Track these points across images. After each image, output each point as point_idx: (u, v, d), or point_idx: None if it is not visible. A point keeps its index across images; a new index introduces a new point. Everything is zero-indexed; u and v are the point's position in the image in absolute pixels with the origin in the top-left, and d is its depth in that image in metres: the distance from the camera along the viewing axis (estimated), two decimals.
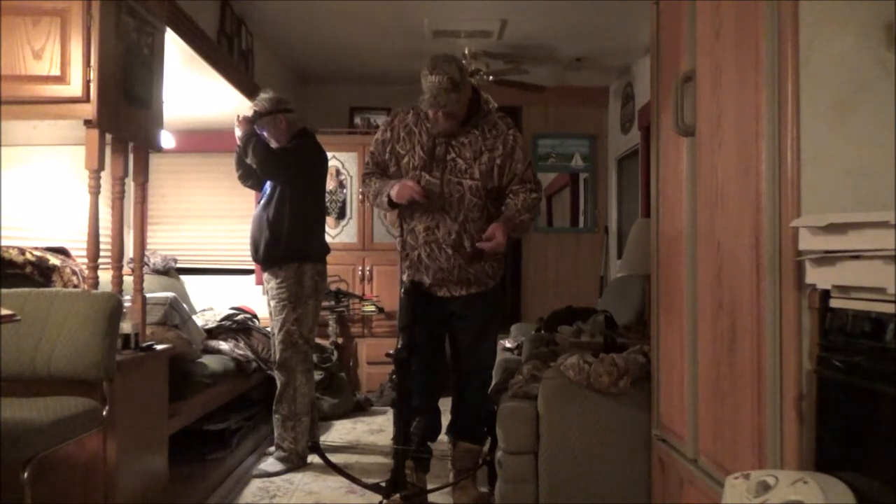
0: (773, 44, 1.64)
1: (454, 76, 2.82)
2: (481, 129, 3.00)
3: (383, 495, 2.93)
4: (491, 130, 3.00)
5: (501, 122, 3.04)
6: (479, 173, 2.97)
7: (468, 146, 2.98)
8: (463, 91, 2.88)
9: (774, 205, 1.63)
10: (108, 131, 2.76)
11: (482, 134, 2.99)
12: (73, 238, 3.81)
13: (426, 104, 2.89)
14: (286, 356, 3.79)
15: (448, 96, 2.83)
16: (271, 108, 3.78)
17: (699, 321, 2.11)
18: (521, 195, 3.03)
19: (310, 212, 3.81)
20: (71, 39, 2.64)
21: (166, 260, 4.95)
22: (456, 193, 2.98)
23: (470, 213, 2.99)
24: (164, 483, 3.06)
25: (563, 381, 2.71)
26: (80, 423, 2.28)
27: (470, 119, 2.98)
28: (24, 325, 2.35)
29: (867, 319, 1.37)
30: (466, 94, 2.93)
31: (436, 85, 2.82)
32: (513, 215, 3.01)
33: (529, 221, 3.07)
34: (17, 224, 3.79)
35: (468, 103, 2.96)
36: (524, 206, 3.01)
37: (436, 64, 2.84)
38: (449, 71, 2.82)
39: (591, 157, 6.84)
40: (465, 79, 2.90)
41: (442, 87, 2.81)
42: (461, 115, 2.95)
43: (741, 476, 1.53)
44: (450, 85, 2.81)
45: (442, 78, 2.81)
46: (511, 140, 3.00)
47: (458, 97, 2.86)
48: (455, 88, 2.83)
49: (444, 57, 2.88)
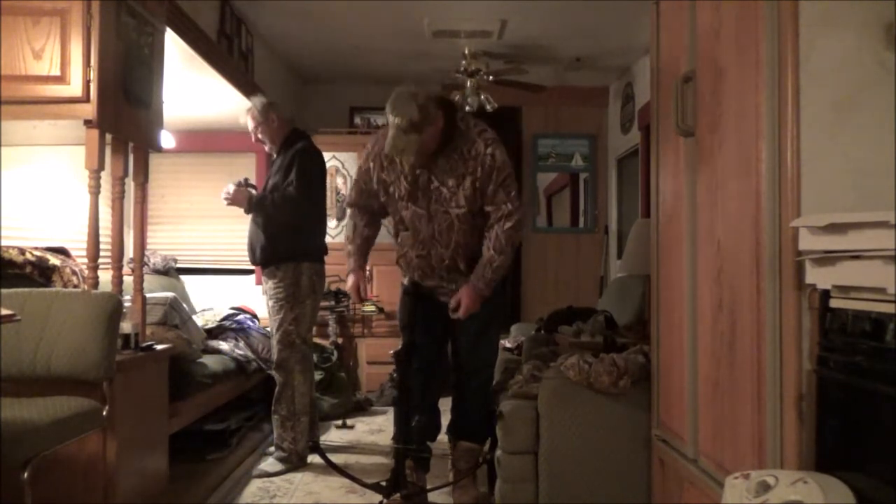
0: (773, 44, 1.64)
1: (413, 117, 2.68)
2: (461, 153, 2.87)
3: (383, 495, 2.93)
4: (470, 151, 2.86)
5: (480, 141, 2.87)
6: (465, 199, 2.88)
7: (450, 172, 2.88)
8: (427, 126, 2.74)
9: (774, 205, 1.64)
10: (108, 131, 2.76)
11: (461, 157, 2.87)
12: (73, 238, 3.81)
13: (386, 147, 2.79)
14: (284, 356, 3.79)
15: (407, 138, 2.70)
16: (263, 112, 3.81)
17: (699, 321, 2.11)
18: (493, 231, 2.88)
19: (307, 212, 3.81)
20: (71, 39, 2.64)
21: (166, 260, 4.95)
22: (444, 222, 2.93)
23: (461, 237, 2.94)
24: (164, 483, 3.06)
25: (563, 381, 2.71)
26: (80, 423, 2.28)
27: (448, 144, 2.86)
28: (24, 325, 2.34)
29: (867, 319, 1.37)
30: (435, 126, 2.78)
31: (393, 127, 2.71)
32: (481, 273, 2.89)
33: (508, 259, 2.92)
34: (17, 224, 3.79)
35: (441, 131, 2.81)
36: (496, 249, 2.87)
37: (395, 104, 2.72)
38: (407, 112, 2.68)
39: (591, 157, 6.84)
40: (430, 113, 2.74)
41: (400, 129, 2.70)
42: (430, 148, 2.82)
43: (741, 476, 1.53)
44: (408, 126, 2.68)
45: (401, 120, 2.69)
46: (489, 160, 2.86)
47: (419, 137, 2.72)
48: (414, 129, 2.69)
49: (406, 96, 2.73)
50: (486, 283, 2.90)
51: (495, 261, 2.89)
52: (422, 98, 2.73)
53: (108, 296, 2.56)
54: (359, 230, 3.15)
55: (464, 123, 2.90)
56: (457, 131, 2.87)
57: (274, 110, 3.85)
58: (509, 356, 3.90)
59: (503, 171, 2.88)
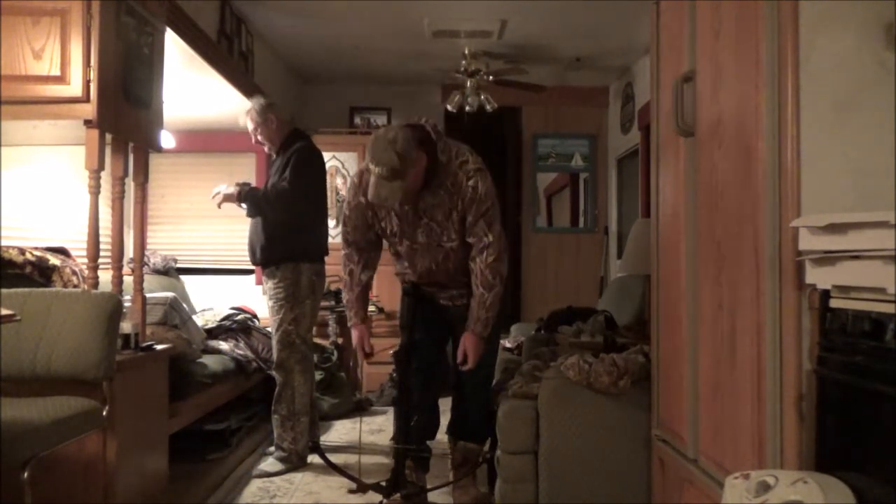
0: (773, 44, 1.64)
1: (394, 165, 2.65)
2: (445, 187, 2.83)
3: (383, 495, 2.93)
4: (454, 184, 2.82)
5: (461, 173, 2.81)
6: (455, 232, 2.87)
7: (438, 207, 2.85)
8: (410, 169, 2.70)
9: (774, 205, 1.63)
10: (108, 131, 2.76)
11: (447, 191, 2.82)
12: (73, 238, 3.81)
13: (370, 195, 2.75)
14: (284, 356, 3.79)
15: (390, 185, 2.68)
16: (261, 114, 3.80)
17: (699, 321, 2.11)
18: (476, 266, 2.85)
19: (307, 212, 3.81)
20: (71, 39, 2.63)
21: (166, 260, 4.95)
22: (440, 254, 2.93)
23: (458, 265, 2.95)
24: (164, 483, 3.06)
25: (563, 381, 2.71)
26: (80, 423, 2.27)
27: (433, 180, 2.81)
28: (24, 325, 2.34)
29: (867, 319, 1.37)
30: (418, 168, 2.74)
31: (375, 175, 2.68)
32: (476, 315, 2.88)
33: (499, 292, 2.88)
34: (17, 224, 3.78)
35: (425, 169, 2.77)
36: (485, 286, 2.84)
37: (374, 154, 2.68)
38: (388, 161, 2.64)
39: (591, 157, 6.84)
40: (411, 157, 2.69)
41: (382, 177, 2.67)
42: (415, 188, 2.79)
43: (741, 476, 1.53)
44: (389, 174, 2.66)
45: (381, 169, 2.66)
46: (470, 192, 2.80)
47: (402, 183, 2.70)
48: (396, 176, 2.67)
49: (385, 144, 2.67)
50: (483, 325, 2.90)
51: (487, 299, 2.86)
52: (401, 144, 2.67)
53: (108, 296, 2.56)
54: (355, 277, 3.07)
55: (445, 156, 2.82)
56: (439, 166, 2.81)
57: (272, 111, 3.85)
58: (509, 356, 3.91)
59: (484, 203, 2.81)
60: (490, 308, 2.88)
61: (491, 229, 2.84)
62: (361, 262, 3.07)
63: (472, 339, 2.91)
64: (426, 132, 2.81)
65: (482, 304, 2.87)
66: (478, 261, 2.85)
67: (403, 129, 2.75)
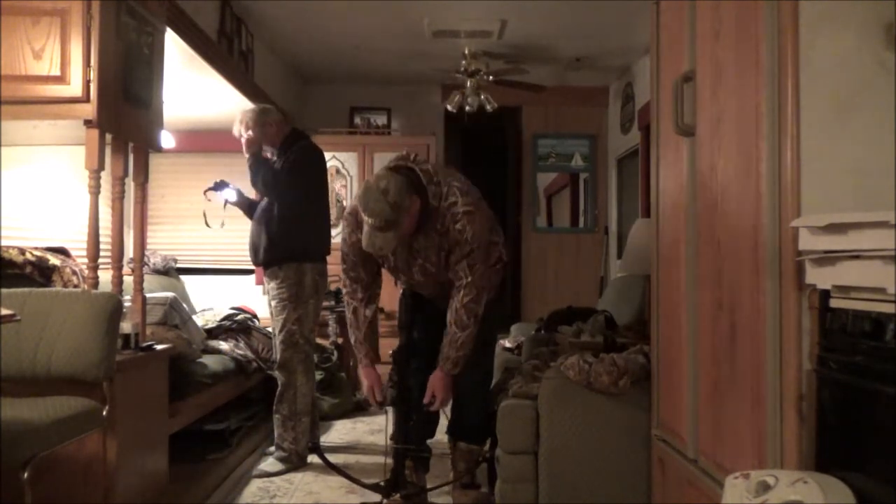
0: (773, 44, 1.64)
1: (387, 217, 2.63)
2: (436, 229, 2.82)
3: (383, 495, 2.93)
4: (443, 226, 2.79)
5: (449, 215, 2.78)
6: (448, 268, 2.87)
7: (431, 248, 2.85)
8: (404, 217, 2.68)
9: (774, 205, 1.63)
10: (108, 131, 2.76)
11: (437, 233, 2.81)
12: (73, 238, 3.81)
13: (363, 244, 2.74)
14: (287, 356, 3.79)
15: (384, 236, 2.66)
16: (258, 121, 3.79)
17: (699, 321, 2.11)
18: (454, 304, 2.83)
19: (308, 211, 3.81)
20: (71, 39, 2.64)
21: (166, 260, 4.95)
22: (437, 286, 2.95)
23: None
24: (164, 483, 3.06)
25: (563, 381, 2.71)
26: (80, 423, 2.27)
27: (426, 223, 2.79)
28: (24, 325, 2.34)
29: (867, 319, 1.37)
30: (411, 213, 2.71)
31: (367, 225, 2.67)
32: (447, 354, 2.86)
33: (473, 332, 2.84)
34: (17, 224, 3.79)
35: (419, 212, 2.75)
36: (459, 325, 2.82)
37: (366, 205, 2.64)
38: (381, 213, 2.62)
39: (591, 157, 6.84)
40: (404, 205, 2.66)
41: (375, 228, 2.66)
42: (409, 232, 2.78)
43: (741, 476, 1.53)
44: (383, 225, 2.64)
45: (374, 220, 2.64)
46: (457, 235, 2.78)
47: (396, 232, 2.69)
48: (389, 227, 2.65)
49: (377, 195, 2.64)
50: (453, 364, 2.88)
51: (459, 338, 2.84)
52: (393, 194, 2.64)
53: (108, 296, 2.56)
54: (360, 314, 3.03)
55: (436, 200, 2.79)
56: (431, 209, 2.79)
57: (268, 116, 3.83)
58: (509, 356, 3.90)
59: (468, 246, 2.78)
60: (461, 347, 2.86)
61: (472, 270, 2.81)
62: (365, 297, 3.04)
63: (440, 378, 2.90)
64: (416, 177, 2.77)
65: (453, 342, 2.86)
66: (455, 300, 2.84)
67: (395, 177, 2.70)
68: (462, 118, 6.03)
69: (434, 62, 5.75)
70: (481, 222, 2.83)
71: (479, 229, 2.82)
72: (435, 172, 2.83)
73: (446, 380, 2.90)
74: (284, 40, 5.42)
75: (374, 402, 3.07)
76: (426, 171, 2.80)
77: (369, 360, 3.05)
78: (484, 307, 2.98)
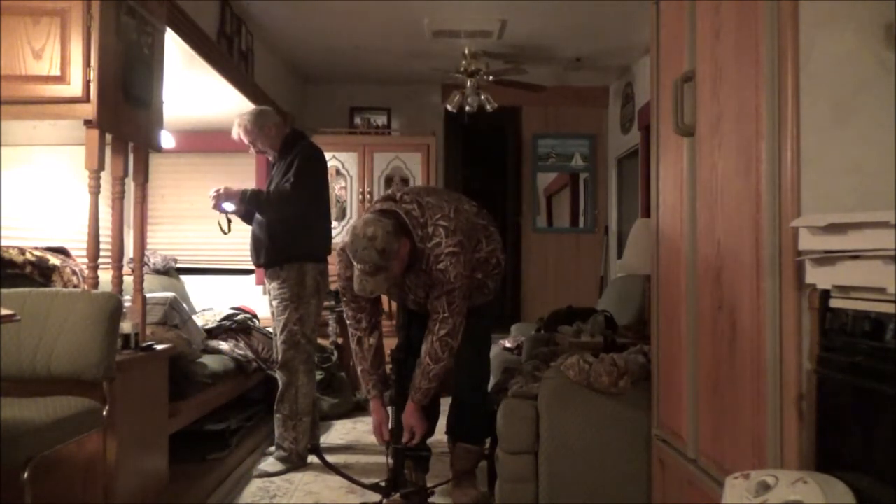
0: (773, 44, 1.64)
1: (376, 262, 2.64)
2: (422, 268, 2.83)
3: (383, 495, 2.94)
4: (427, 266, 2.81)
5: (433, 256, 2.79)
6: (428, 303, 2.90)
7: (421, 286, 2.88)
8: (393, 260, 2.70)
9: (774, 205, 1.63)
10: (108, 131, 2.76)
11: (423, 271, 2.83)
12: (73, 238, 3.81)
13: (355, 287, 2.76)
14: (289, 356, 3.79)
15: (374, 280, 2.68)
16: (256, 123, 3.78)
17: (699, 321, 2.11)
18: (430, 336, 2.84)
19: (309, 211, 3.81)
20: (71, 39, 2.64)
21: (166, 260, 4.95)
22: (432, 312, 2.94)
23: None
24: (164, 483, 3.06)
25: (563, 381, 2.71)
26: (80, 423, 2.27)
27: (415, 264, 2.82)
28: (24, 325, 2.34)
29: (867, 319, 1.37)
30: (401, 255, 2.73)
31: (357, 270, 2.70)
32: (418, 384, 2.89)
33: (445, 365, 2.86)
34: (17, 224, 3.79)
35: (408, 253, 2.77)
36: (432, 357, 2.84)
37: (355, 252, 2.66)
38: (370, 259, 2.64)
39: (591, 157, 6.84)
40: (392, 249, 2.67)
41: (365, 273, 2.67)
42: (399, 273, 2.80)
43: (741, 476, 1.53)
44: (373, 270, 2.66)
45: (364, 266, 2.66)
46: (440, 275, 2.79)
47: (386, 275, 2.70)
48: (379, 271, 2.67)
49: (364, 243, 2.65)
50: (423, 395, 2.91)
51: (432, 370, 2.86)
52: (381, 241, 2.64)
53: (108, 296, 2.56)
54: (365, 344, 3.04)
55: (422, 243, 2.79)
56: (418, 251, 2.80)
57: (267, 118, 3.82)
58: (509, 356, 3.91)
59: (449, 285, 2.78)
60: (433, 380, 2.89)
61: (450, 307, 2.81)
62: (368, 326, 3.04)
63: (412, 411, 2.92)
64: (402, 220, 2.77)
65: (426, 374, 2.88)
66: (431, 332, 2.85)
67: (381, 222, 2.69)
68: (462, 118, 6.02)
69: (434, 62, 5.74)
70: (464, 265, 2.83)
71: (463, 270, 2.82)
72: (421, 213, 2.82)
73: (419, 412, 2.93)
74: (284, 40, 5.42)
75: (381, 442, 3.04)
76: (411, 214, 2.79)
77: (378, 392, 3.03)
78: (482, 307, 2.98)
